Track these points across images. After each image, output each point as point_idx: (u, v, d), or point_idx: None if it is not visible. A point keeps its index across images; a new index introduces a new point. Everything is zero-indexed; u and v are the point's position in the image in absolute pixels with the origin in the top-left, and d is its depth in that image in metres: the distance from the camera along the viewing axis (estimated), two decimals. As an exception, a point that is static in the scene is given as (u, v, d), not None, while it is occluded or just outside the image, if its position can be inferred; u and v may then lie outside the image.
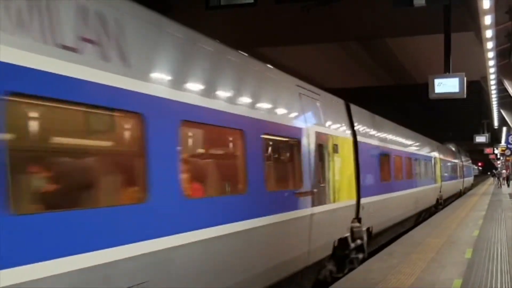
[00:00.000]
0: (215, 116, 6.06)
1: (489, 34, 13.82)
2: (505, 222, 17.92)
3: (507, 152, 46.69)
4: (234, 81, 6.79)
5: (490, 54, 15.85)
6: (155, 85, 5.10)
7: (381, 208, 13.45)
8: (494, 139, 50.56)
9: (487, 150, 60.80)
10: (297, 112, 8.55)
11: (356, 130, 11.83)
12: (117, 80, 4.56)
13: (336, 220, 10.15)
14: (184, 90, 5.54)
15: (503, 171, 58.95)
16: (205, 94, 5.92)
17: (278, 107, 7.96)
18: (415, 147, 20.51)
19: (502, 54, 17.43)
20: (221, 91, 6.33)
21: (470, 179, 53.82)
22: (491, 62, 16.89)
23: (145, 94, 4.90)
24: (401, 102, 37.43)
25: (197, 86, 5.84)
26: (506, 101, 27.99)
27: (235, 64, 7.03)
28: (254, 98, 7.20)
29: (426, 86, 12.95)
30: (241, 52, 7.38)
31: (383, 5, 15.09)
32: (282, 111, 8.05)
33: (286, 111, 8.25)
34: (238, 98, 6.70)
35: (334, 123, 10.52)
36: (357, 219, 11.40)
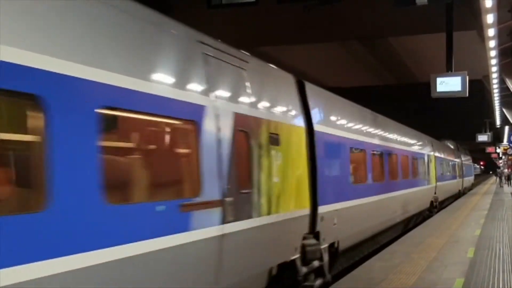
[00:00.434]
0: None
1: (491, 32, 13.78)
2: (507, 221, 17.90)
3: (510, 151, 46.65)
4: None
5: (492, 53, 15.82)
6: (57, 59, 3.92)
7: (352, 217, 11.04)
8: (496, 138, 50.56)
9: (489, 149, 60.80)
10: (196, 81, 5.87)
11: (313, 117, 9.13)
12: None
13: (272, 239, 7.37)
14: None
15: (505, 170, 58.86)
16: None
17: (153, 71, 5.21)
18: (403, 143, 17.91)
19: (505, 53, 17.40)
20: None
21: (470, 179, 50.92)
22: (493, 61, 16.87)
23: (43, 71, 3.75)
24: (402, 101, 37.41)
25: None
26: (508, 100, 27.98)
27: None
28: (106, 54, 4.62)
29: (428, 85, 12.94)
30: None
31: (385, 4, 15.06)
32: (161, 77, 5.31)
33: (173, 78, 5.50)
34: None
35: (273, 105, 7.75)
36: (313, 234, 8.79)
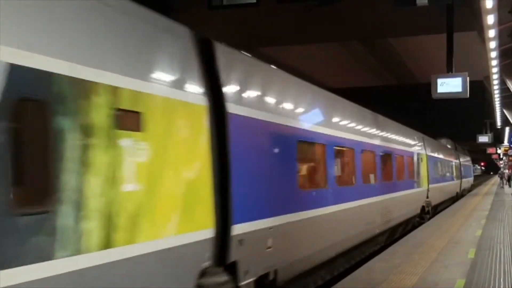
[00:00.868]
0: None
1: (492, 33, 13.78)
2: (508, 222, 17.88)
3: (510, 151, 46.63)
4: None
5: (493, 54, 15.82)
6: None
7: (301, 235, 8.65)
8: (497, 139, 50.54)
9: (490, 150, 60.74)
10: None
11: (226, 93, 6.55)
12: None
13: None
14: None
15: (505, 171, 58.81)
16: None
17: None
18: (385, 138, 15.04)
19: (505, 54, 17.41)
20: None
21: (470, 180, 48.50)
22: (494, 62, 16.87)
23: None
24: (403, 101, 37.43)
25: None
26: (508, 100, 27.96)
27: None
28: None
29: (429, 86, 12.93)
30: None
31: (385, 4, 15.06)
32: None
33: None
34: None
35: (126, 61, 5.03)
36: (223, 266, 6.35)
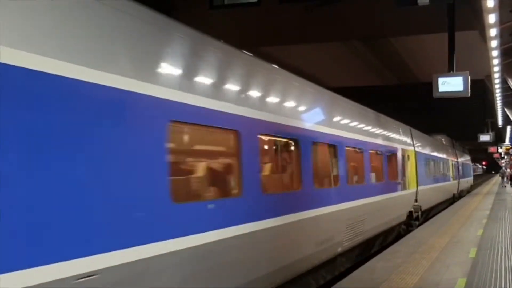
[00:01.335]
0: None
1: (493, 32, 13.78)
2: (509, 222, 17.88)
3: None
4: None
5: (494, 53, 15.83)
6: None
7: (217, 263, 6.12)
8: (498, 138, 50.49)
9: (491, 149, 60.69)
10: None
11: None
12: None
13: None
14: None
15: (507, 170, 58.73)
16: None
17: None
18: (354, 129, 12.21)
19: (507, 53, 17.40)
20: None
21: (469, 180, 46.04)
22: (495, 61, 16.88)
23: None
24: (404, 101, 37.32)
25: None
26: (510, 99, 27.94)
27: None
28: None
29: (430, 85, 12.93)
30: None
31: (386, 4, 15.06)
32: None
33: None
34: None
35: None
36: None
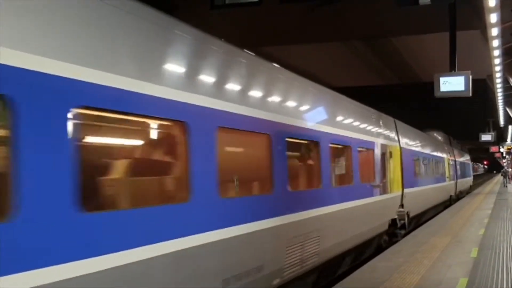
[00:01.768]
0: None
1: (494, 32, 13.79)
2: (511, 221, 17.86)
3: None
4: None
5: (496, 52, 15.83)
6: None
7: None
8: (500, 138, 50.44)
9: (493, 149, 60.63)
10: None
11: None
12: None
13: None
14: None
15: (509, 170, 58.63)
16: None
17: None
18: (309, 116, 9.49)
19: (508, 52, 17.40)
20: None
21: (468, 180, 42.86)
22: (497, 60, 16.88)
23: None
24: (406, 101, 37.37)
25: None
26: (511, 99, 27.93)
27: None
28: None
29: (431, 85, 12.91)
30: None
31: (388, 4, 15.04)
32: None
33: None
34: None
35: None
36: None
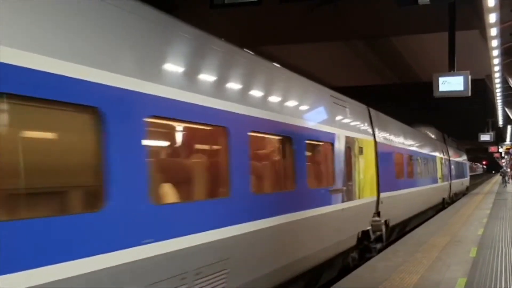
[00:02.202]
0: None
1: (494, 32, 13.78)
2: (510, 221, 17.88)
3: (512, 150, 46.53)
4: None
5: (495, 52, 15.83)
6: None
7: None
8: (499, 138, 50.46)
9: (492, 149, 60.66)
10: None
11: None
12: None
13: None
14: None
15: (508, 170, 58.65)
16: None
17: None
18: (238, 96, 6.79)
19: (507, 52, 17.40)
20: None
21: (464, 181, 40.07)
22: (496, 60, 16.87)
23: None
24: (405, 100, 37.29)
25: None
26: (510, 99, 27.93)
27: None
28: None
29: (430, 85, 12.92)
30: None
31: (387, 3, 15.04)
32: None
33: None
34: None
35: None
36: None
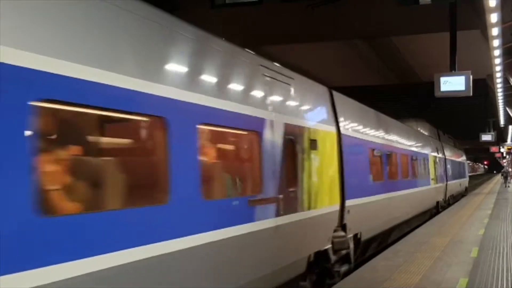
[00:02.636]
0: None
1: (495, 32, 13.77)
2: (511, 221, 17.86)
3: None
4: None
5: (496, 52, 15.81)
6: None
7: None
8: (500, 138, 50.41)
9: (493, 149, 60.59)
10: None
11: None
12: None
13: None
14: None
15: (510, 170, 58.58)
16: None
17: None
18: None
19: (508, 52, 17.39)
20: None
21: (462, 182, 37.57)
22: (497, 60, 16.86)
23: None
24: (406, 100, 37.29)
25: None
26: (512, 99, 27.91)
27: None
28: None
29: (432, 84, 12.92)
30: None
31: (388, 3, 15.05)
32: None
33: None
34: None
35: None
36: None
